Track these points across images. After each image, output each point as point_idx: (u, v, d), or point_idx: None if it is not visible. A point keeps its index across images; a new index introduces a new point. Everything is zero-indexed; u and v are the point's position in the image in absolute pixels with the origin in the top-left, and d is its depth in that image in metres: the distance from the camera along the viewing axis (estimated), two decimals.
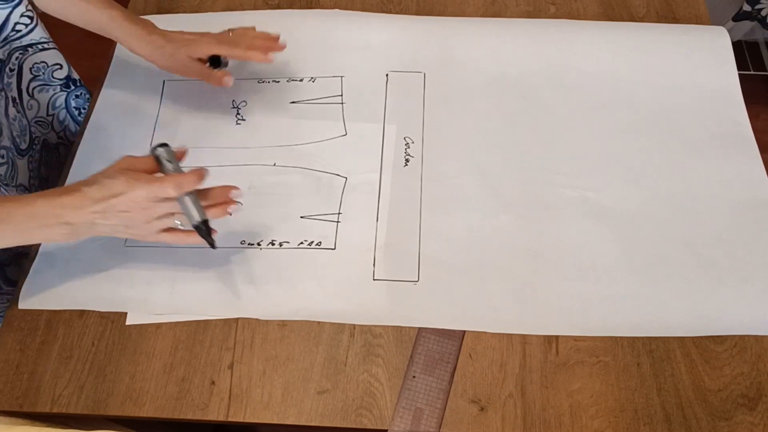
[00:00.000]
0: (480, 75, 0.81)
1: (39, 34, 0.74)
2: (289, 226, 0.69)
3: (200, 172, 0.57)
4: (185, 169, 0.59)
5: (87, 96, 0.85)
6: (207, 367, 0.62)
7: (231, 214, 0.61)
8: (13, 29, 0.70)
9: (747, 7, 1.44)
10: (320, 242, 0.68)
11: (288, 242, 0.69)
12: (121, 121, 0.78)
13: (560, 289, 0.66)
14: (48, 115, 0.79)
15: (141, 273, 0.67)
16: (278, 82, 0.81)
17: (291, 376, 0.62)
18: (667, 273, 0.67)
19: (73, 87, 0.82)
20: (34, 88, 0.75)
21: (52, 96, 0.78)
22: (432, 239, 0.69)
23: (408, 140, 0.76)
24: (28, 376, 0.62)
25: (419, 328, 0.64)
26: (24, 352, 0.63)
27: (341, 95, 0.80)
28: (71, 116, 0.84)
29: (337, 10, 0.87)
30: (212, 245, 0.60)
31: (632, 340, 0.64)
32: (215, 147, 0.75)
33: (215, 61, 0.73)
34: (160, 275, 0.67)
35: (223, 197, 0.61)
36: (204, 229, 0.59)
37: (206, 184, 0.59)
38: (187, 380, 0.62)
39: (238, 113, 0.78)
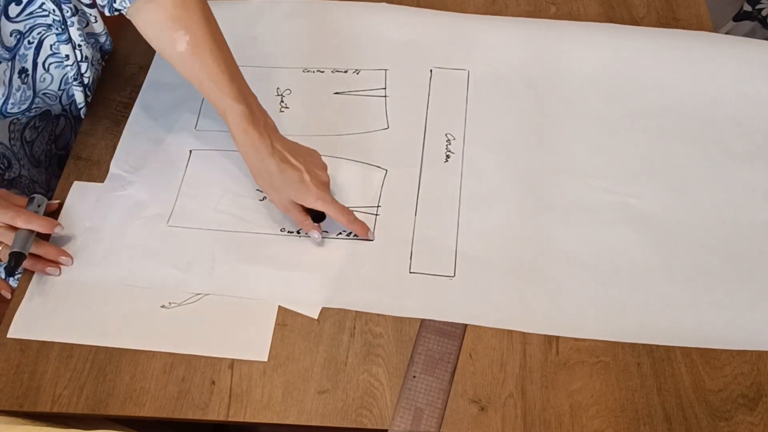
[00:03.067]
0: (523, 75, 0.81)
1: (59, 15, 0.73)
2: (329, 216, 0.69)
3: (52, 225, 0.66)
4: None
5: (96, 70, 0.83)
6: (207, 366, 0.62)
7: (46, 273, 0.66)
8: (40, 6, 0.70)
9: (747, 7, 1.44)
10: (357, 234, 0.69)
11: (327, 232, 0.69)
12: (167, 103, 0.79)
13: (596, 293, 0.65)
14: (59, 89, 0.79)
15: (182, 252, 0.68)
16: (323, 72, 0.82)
17: (291, 375, 0.62)
18: (706, 284, 0.66)
19: (82, 63, 0.82)
20: (50, 64, 0.75)
21: (66, 74, 0.78)
22: (469, 236, 0.69)
23: (449, 136, 0.76)
24: (28, 375, 0.62)
25: (419, 328, 0.64)
26: (24, 351, 0.63)
27: (385, 88, 0.80)
28: (88, 93, 0.83)
29: (384, 4, 0.87)
30: (9, 274, 0.63)
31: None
32: None
33: (319, 215, 0.69)
34: (201, 256, 0.67)
35: (53, 257, 0.66)
36: (15, 260, 0.62)
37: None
38: (188, 380, 0.62)
39: (282, 101, 0.79)
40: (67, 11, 0.71)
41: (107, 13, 0.65)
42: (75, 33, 0.73)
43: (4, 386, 0.62)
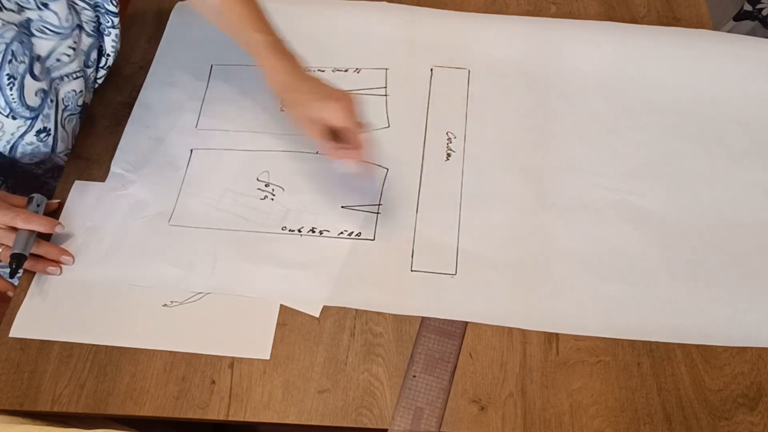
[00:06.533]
0: (524, 74, 0.81)
1: (75, 65, 0.72)
2: (330, 215, 0.70)
3: (52, 224, 0.65)
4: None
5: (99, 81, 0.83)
6: (207, 366, 0.62)
7: (47, 272, 0.66)
8: (56, 59, 0.69)
9: (748, 7, 1.44)
10: (360, 233, 0.69)
11: (328, 231, 0.69)
12: (168, 102, 0.79)
13: (597, 290, 0.66)
14: (71, 145, 0.77)
15: (183, 251, 0.68)
16: (323, 71, 0.82)
17: (291, 375, 0.62)
18: (707, 281, 0.66)
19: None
20: (65, 119, 0.74)
21: (75, 125, 0.77)
22: (470, 234, 0.69)
23: (450, 135, 0.76)
24: (28, 375, 0.62)
25: (419, 327, 0.64)
26: (24, 350, 0.63)
27: (385, 87, 0.80)
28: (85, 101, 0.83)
29: (384, 3, 0.87)
30: (11, 275, 0.63)
31: (632, 340, 0.64)
32: (259, 132, 0.76)
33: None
34: (202, 255, 0.68)
35: (54, 256, 0.66)
36: (16, 261, 0.62)
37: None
38: (188, 379, 0.62)
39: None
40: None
41: None
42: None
43: (4, 385, 0.62)
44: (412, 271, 0.67)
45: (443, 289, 0.66)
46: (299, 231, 0.69)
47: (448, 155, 0.75)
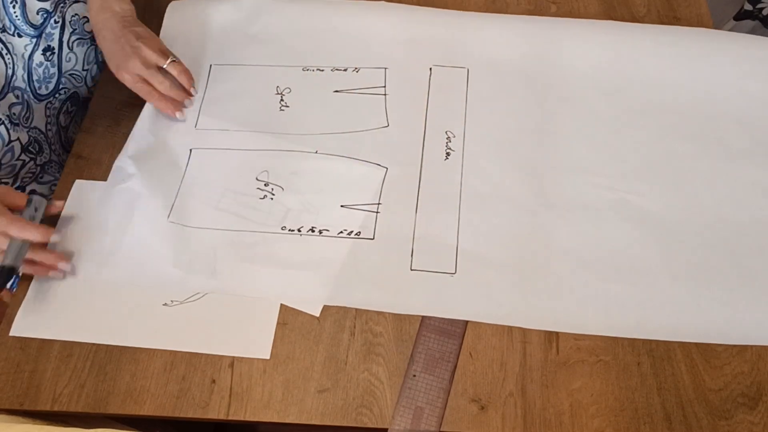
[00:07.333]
0: (523, 73, 0.81)
1: None
2: (330, 214, 0.70)
3: (47, 233, 0.64)
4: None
5: None
6: (207, 365, 0.62)
7: (49, 276, 0.66)
8: None
9: (748, 7, 1.44)
10: (359, 232, 0.69)
11: (328, 230, 0.69)
12: None
13: (597, 289, 0.66)
14: (83, 69, 0.81)
15: (183, 251, 0.68)
16: (322, 71, 0.81)
17: (291, 374, 0.62)
18: (707, 280, 0.66)
19: None
20: (73, 42, 0.77)
21: (87, 49, 0.80)
22: (470, 233, 0.69)
23: (449, 134, 0.76)
24: (28, 374, 0.62)
25: (419, 327, 0.64)
26: (25, 350, 0.63)
27: (384, 86, 0.80)
28: (101, 71, 0.84)
29: (382, 2, 0.87)
30: None
31: (632, 340, 0.64)
32: (258, 131, 0.76)
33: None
34: (202, 256, 0.67)
35: (51, 262, 0.65)
36: (6, 275, 0.60)
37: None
38: (188, 379, 0.62)
39: (282, 99, 0.79)
40: None
41: None
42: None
43: (4, 385, 0.62)
44: (411, 270, 0.67)
45: (442, 288, 0.66)
46: (299, 231, 0.69)
47: (448, 154, 0.75)
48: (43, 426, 0.60)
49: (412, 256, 0.68)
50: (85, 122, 0.78)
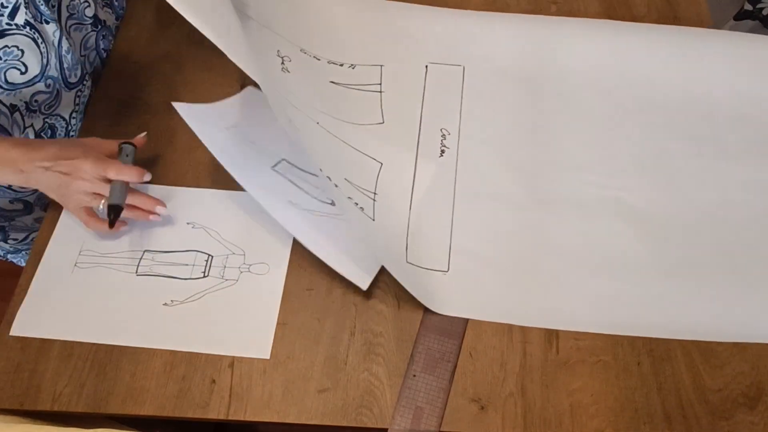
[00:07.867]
0: (518, 71, 0.81)
1: None
2: (332, 190, 0.67)
3: (141, 174, 0.66)
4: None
5: (111, 38, 0.84)
6: (207, 365, 0.62)
7: (149, 220, 0.68)
8: None
9: (748, 7, 1.44)
10: (362, 207, 0.68)
11: (332, 204, 0.69)
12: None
13: (589, 287, 0.66)
14: (81, 55, 0.78)
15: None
16: (319, 60, 0.81)
17: (291, 374, 0.62)
18: (697, 277, 0.67)
19: (100, 27, 0.81)
20: (70, 26, 0.75)
21: (85, 36, 0.78)
22: (463, 230, 0.69)
23: (444, 132, 0.76)
24: (28, 374, 0.62)
25: (419, 327, 0.64)
26: (24, 350, 0.63)
27: (380, 84, 0.80)
28: (100, 58, 0.83)
29: (381, 1, 0.87)
30: (110, 225, 0.64)
31: (632, 340, 0.64)
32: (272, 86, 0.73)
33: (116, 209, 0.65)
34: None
35: (149, 207, 0.68)
36: (114, 212, 0.64)
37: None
38: (188, 379, 0.62)
39: (283, 63, 0.77)
40: None
41: None
42: None
43: (4, 385, 0.62)
44: (407, 262, 0.67)
45: (434, 285, 0.66)
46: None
47: (442, 152, 0.75)
48: (43, 426, 0.60)
49: (406, 250, 0.68)
50: (85, 122, 0.78)
